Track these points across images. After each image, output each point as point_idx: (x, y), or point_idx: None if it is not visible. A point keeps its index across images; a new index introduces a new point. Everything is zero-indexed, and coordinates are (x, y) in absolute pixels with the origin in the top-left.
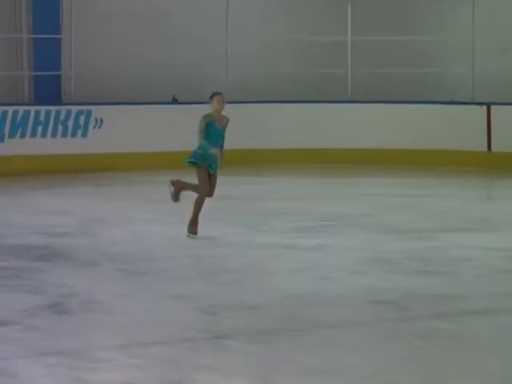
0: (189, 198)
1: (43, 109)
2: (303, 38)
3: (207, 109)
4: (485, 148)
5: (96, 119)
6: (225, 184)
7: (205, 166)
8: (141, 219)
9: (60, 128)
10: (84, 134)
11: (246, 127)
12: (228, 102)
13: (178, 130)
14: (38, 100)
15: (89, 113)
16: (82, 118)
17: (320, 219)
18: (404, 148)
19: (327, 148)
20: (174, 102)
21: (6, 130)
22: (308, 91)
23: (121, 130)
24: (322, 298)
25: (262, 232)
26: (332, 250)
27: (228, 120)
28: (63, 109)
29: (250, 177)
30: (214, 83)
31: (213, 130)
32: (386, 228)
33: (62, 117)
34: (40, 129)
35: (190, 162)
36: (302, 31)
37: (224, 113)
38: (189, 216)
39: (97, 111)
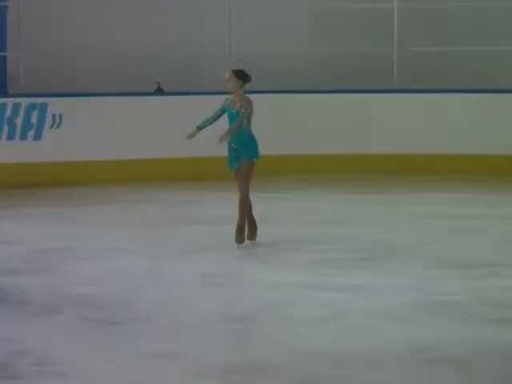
0: (176, 225)
1: None
2: (330, 5)
3: (203, 100)
4: None
5: (54, 116)
6: (230, 203)
7: (231, 169)
8: (115, 250)
9: (5, 128)
10: (37, 137)
11: (256, 126)
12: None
13: (164, 130)
14: None
15: (44, 107)
16: (35, 115)
17: (355, 249)
18: (467, 153)
19: (365, 154)
20: (159, 91)
21: None
22: (338, 78)
23: (87, 130)
24: (359, 355)
25: (279, 267)
26: (371, 290)
27: (244, 102)
28: (9, 101)
29: (263, 193)
30: (212, 67)
31: (228, 116)
32: (445, 261)
33: (8, 113)
34: None
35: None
36: None
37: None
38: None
39: (55, 105)
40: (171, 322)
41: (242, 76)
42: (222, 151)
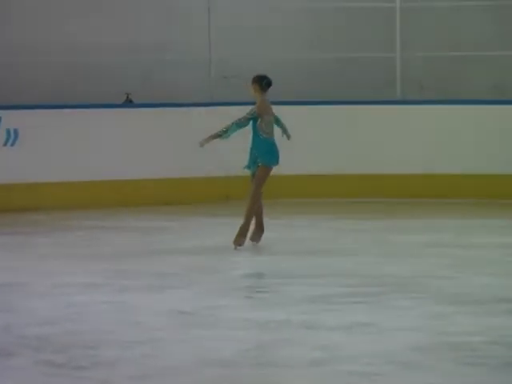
0: (147, 256)
1: None
2: (322, 4)
3: (179, 113)
4: None
5: (8, 131)
6: (211, 231)
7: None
8: (77, 285)
9: None
10: None
11: (245, 142)
12: (211, 104)
13: (135, 147)
14: None
15: None
16: None
17: (357, 284)
18: (485, 173)
19: (367, 174)
20: (129, 103)
21: None
22: (334, 87)
23: (47, 147)
24: None
25: (267, 303)
26: (373, 330)
27: (254, 106)
28: None
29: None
30: (189, 75)
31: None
32: (459, 297)
33: None
34: None
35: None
36: None
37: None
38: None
39: (9, 118)
40: (142, 368)
41: (256, 79)
42: (198, 173)
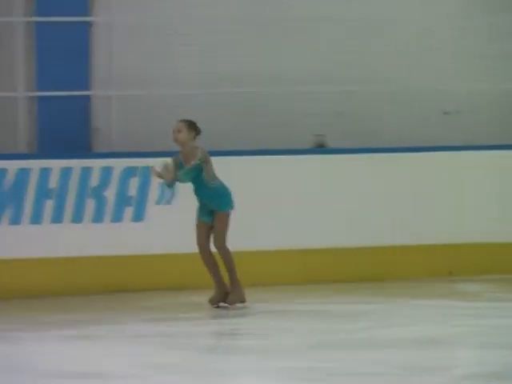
0: None
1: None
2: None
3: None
4: None
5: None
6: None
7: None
8: None
9: (90, 204)
10: (138, 217)
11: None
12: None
13: (329, 205)
14: None
15: (147, 172)
16: (134, 184)
17: None
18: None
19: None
20: (320, 148)
21: None
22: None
23: None
24: None
25: None
26: None
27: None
28: (95, 165)
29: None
30: (396, 110)
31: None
32: None
33: (94, 181)
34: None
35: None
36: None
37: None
38: None
39: None
40: None
41: (194, 126)
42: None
